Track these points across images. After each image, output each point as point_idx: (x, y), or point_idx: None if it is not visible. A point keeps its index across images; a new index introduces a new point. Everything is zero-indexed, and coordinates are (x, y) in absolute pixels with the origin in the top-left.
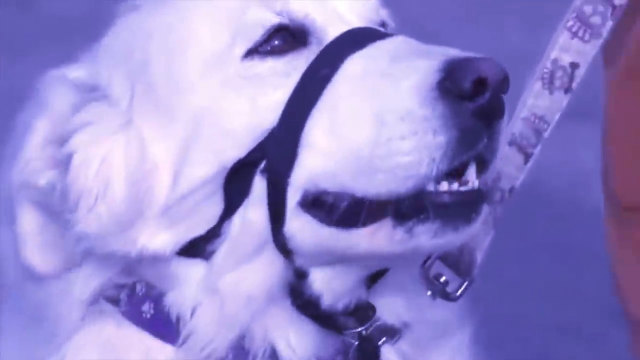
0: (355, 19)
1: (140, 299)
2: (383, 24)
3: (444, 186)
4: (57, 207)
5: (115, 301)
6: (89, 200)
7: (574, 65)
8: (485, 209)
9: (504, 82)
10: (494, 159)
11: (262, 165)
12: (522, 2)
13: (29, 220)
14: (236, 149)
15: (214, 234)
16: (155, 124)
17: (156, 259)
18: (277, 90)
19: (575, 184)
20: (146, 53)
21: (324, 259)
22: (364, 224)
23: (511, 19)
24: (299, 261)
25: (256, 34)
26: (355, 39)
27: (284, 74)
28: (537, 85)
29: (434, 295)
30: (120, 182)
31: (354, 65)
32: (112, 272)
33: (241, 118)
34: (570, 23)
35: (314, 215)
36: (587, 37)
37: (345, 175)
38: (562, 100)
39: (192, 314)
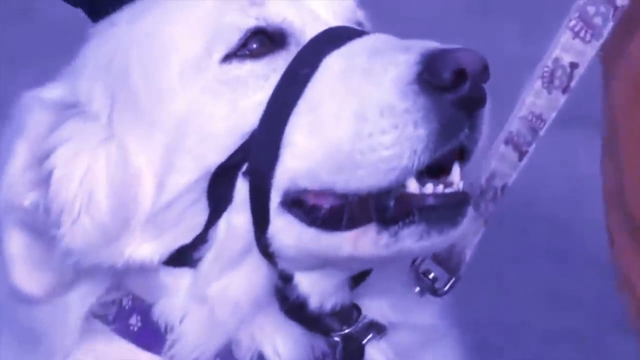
0: (332, 19)
1: (128, 313)
2: (360, 25)
3: (429, 188)
4: (42, 225)
5: (104, 318)
6: (72, 214)
7: (574, 65)
8: (470, 211)
9: (483, 72)
10: (475, 148)
11: (244, 167)
12: (519, 8)
13: (15, 242)
14: (218, 153)
15: (200, 240)
16: (137, 134)
17: (143, 270)
18: (257, 93)
19: (573, 190)
20: (125, 64)
21: (307, 263)
22: (347, 227)
23: (508, 25)
24: (282, 264)
25: (233, 38)
26: (333, 38)
27: (263, 76)
28: (537, 83)
29: (422, 292)
30: (103, 194)
31: (333, 64)
32: (103, 289)
33: (222, 122)
34: (572, 23)
35: (296, 215)
36: (588, 37)
37: (325, 173)
38: (559, 99)
39: (180, 322)
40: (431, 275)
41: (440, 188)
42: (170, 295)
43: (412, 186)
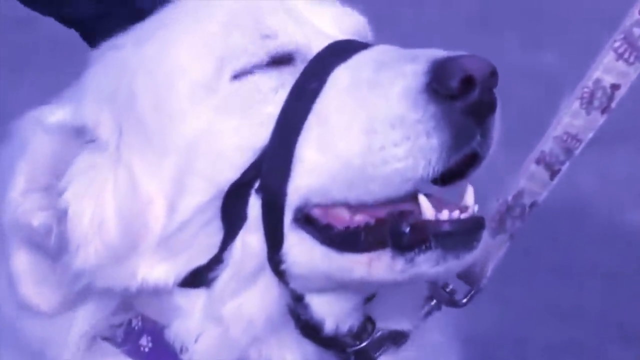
0: (337, 33)
1: (138, 334)
2: (365, 39)
3: (444, 215)
4: (51, 249)
5: (113, 341)
6: (83, 242)
7: (615, 87)
8: (485, 235)
9: (491, 77)
10: (487, 154)
11: (257, 184)
12: (518, 19)
13: (21, 259)
14: (230, 171)
15: (215, 261)
16: (146, 159)
17: (157, 292)
18: (267, 107)
19: (577, 204)
20: (131, 90)
21: (318, 284)
22: (361, 250)
23: (507, 36)
24: (293, 284)
25: (243, 60)
26: (339, 52)
27: (273, 88)
28: (576, 104)
29: (439, 304)
30: (113, 220)
31: (340, 77)
32: (110, 309)
33: (233, 138)
34: (617, 44)
35: (309, 232)
36: (632, 59)
37: (337, 188)
38: (597, 120)
39: (195, 342)
40: (449, 288)
41: (456, 214)
42: (185, 316)
43: (429, 213)
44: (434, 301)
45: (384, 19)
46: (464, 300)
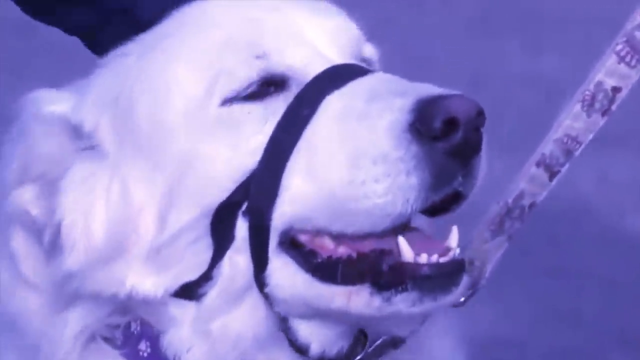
0: (335, 55)
1: (137, 338)
2: (364, 60)
3: (423, 258)
4: (46, 245)
5: (111, 341)
6: (74, 244)
7: (616, 89)
8: (465, 279)
9: (477, 118)
10: (471, 193)
11: (244, 207)
12: (522, 26)
13: (20, 240)
14: (218, 193)
15: (205, 277)
16: (140, 169)
17: (149, 301)
18: (255, 136)
19: (575, 207)
20: (130, 99)
21: (300, 310)
22: (341, 282)
23: (511, 43)
24: (277, 307)
25: (234, 86)
26: (335, 77)
27: (262, 119)
28: (577, 107)
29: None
30: (103, 225)
31: (332, 105)
32: (105, 312)
33: (221, 164)
34: (619, 47)
35: (293, 257)
36: (634, 62)
37: (321, 218)
38: (598, 122)
39: (187, 353)
40: None
41: (434, 258)
42: (178, 326)
43: (407, 255)
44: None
45: (385, 23)
46: (462, 300)
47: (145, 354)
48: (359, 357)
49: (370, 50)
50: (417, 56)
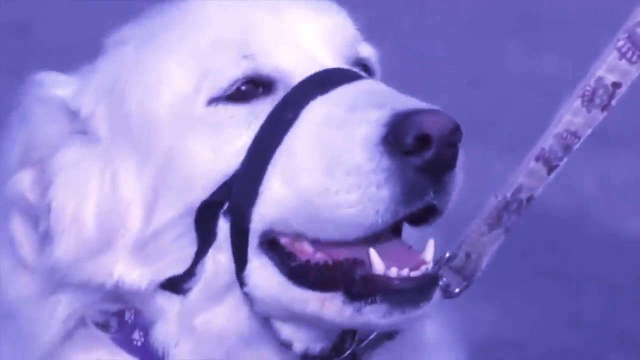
0: (326, 57)
1: (130, 327)
2: (358, 61)
3: (393, 272)
4: (40, 234)
5: (104, 327)
6: (64, 233)
7: (616, 85)
8: (437, 293)
9: (451, 135)
10: (446, 208)
11: (225, 207)
12: (522, 26)
13: (18, 225)
14: (201, 192)
15: (189, 273)
16: (130, 161)
17: (135, 291)
18: (239, 138)
19: (574, 210)
20: (124, 89)
21: (277, 311)
22: (316, 288)
23: (511, 44)
24: (256, 307)
25: (221, 85)
26: (321, 83)
27: (246, 122)
28: (577, 102)
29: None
30: (93, 215)
31: (315, 111)
32: (93, 298)
33: (204, 164)
34: (620, 43)
35: (271, 258)
36: (634, 58)
37: (297, 222)
38: (597, 117)
39: (175, 347)
40: (443, 280)
41: (405, 272)
42: (165, 319)
43: (378, 267)
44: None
45: (385, 23)
46: (457, 291)
47: (139, 344)
48: (348, 352)
49: (367, 50)
50: (417, 56)
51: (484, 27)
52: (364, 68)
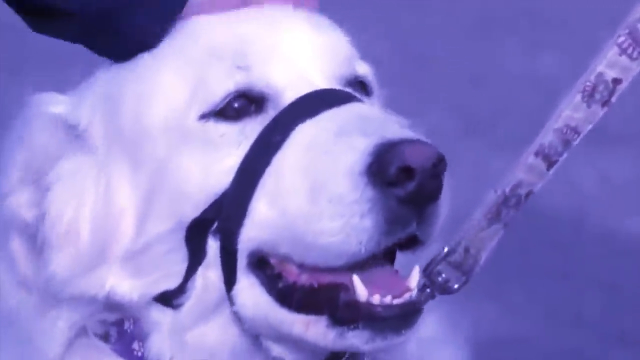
0: (320, 76)
1: (130, 337)
2: (353, 80)
3: (376, 299)
4: (38, 250)
5: (104, 337)
6: (58, 247)
7: (617, 81)
8: (420, 320)
9: (434, 167)
10: (429, 239)
11: (215, 225)
12: (522, 26)
13: (17, 243)
14: (191, 209)
15: (180, 289)
16: (124, 169)
17: (127, 302)
18: (229, 157)
19: (575, 208)
20: (120, 98)
21: (265, 331)
22: (301, 310)
23: (511, 43)
24: (246, 326)
25: (213, 99)
26: (311, 104)
27: (236, 142)
28: (577, 97)
29: (432, 292)
30: (87, 227)
31: (303, 134)
32: (91, 309)
33: (195, 181)
34: (621, 39)
35: (259, 278)
36: (635, 54)
37: (283, 246)
38: (598, 113)
39: None
40: (442, 276)
41: (388, 299)
42: (159, 332)
43: (361, 294)
44: (428, 291)
45: (386, 24)
46: (456, 287)
47: (140, 354)
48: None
49: (363, 69)
50: (417, 56)
51: (483, 26)
52: (361, 86)
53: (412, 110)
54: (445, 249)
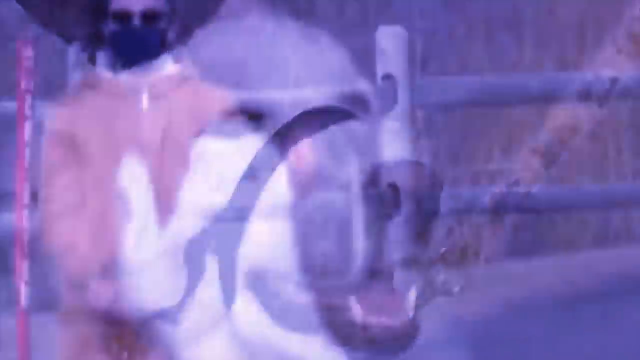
0: (317, 93)
1: None
2: (354, 94)
3: (372, 320)
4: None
5: None
6: (61, 257)
7: (614, 80)
8: (415, 341)
9: (427, 187)
10: (426, 257)
11: (214, 243)
12: (521, 26)
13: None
14: (189, 227)
15: (181, 304)
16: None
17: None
18: (227, 176)
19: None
20: None
21: (263, 348)
22: (299, 329)
23: (508, 39)
24: (245, 342)
25: (211, 116)
26: (307, 122)
27: (233, 161)
28: (574, 97)
29: (433, 294)
30: (87, 238)
31: (296, 154)
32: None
33: (194, 197)
34: (620, 38)
35: (258, 296)
36: (633, 54)
37: (281, 264)
38: (595, 112)
39: None
40: (443, 278)
41: (384, 320)
42: (162, 344)
43: (358, 315)
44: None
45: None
46: (456, 289)
47: None
48: None
49: (362, 84)
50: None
51: (480, 22)
52: (360, 102)
53: None
54: (443, 250)
